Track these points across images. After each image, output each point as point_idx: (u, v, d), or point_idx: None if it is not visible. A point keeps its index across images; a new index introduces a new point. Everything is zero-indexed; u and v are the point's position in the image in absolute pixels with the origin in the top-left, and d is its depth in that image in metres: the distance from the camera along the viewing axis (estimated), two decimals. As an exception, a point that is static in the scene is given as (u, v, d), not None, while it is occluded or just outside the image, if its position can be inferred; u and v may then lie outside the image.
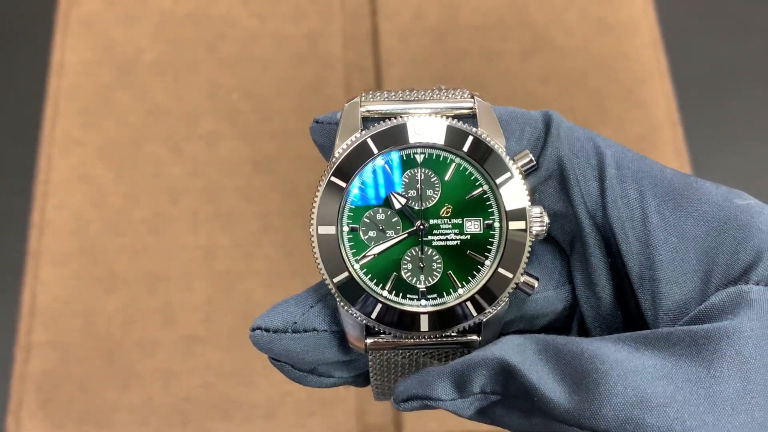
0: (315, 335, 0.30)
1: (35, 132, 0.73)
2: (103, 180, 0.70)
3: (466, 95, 0.31)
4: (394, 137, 0.30)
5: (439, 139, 0.30)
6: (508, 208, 0.30)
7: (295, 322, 0.30)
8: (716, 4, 0.91)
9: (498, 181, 0.30)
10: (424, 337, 0.30)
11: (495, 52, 0.76)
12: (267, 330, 0.30)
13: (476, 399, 0.28)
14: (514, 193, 0.30)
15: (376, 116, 0.31)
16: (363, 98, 0.31)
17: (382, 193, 0.31)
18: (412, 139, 0.30)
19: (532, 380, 0.26)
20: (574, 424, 0.26)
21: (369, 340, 0.30)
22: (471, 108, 0.31)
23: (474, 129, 0.30)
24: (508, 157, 0.30)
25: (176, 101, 0.74)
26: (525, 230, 0.30)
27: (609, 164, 0.30)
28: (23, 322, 0.66)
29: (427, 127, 0.30)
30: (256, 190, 0.70)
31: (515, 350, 0.28)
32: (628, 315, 0.31)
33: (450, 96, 0.31)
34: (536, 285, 0.30)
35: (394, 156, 0.31)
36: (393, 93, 0.31)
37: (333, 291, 0.30)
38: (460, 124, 0.30)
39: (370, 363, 0.32)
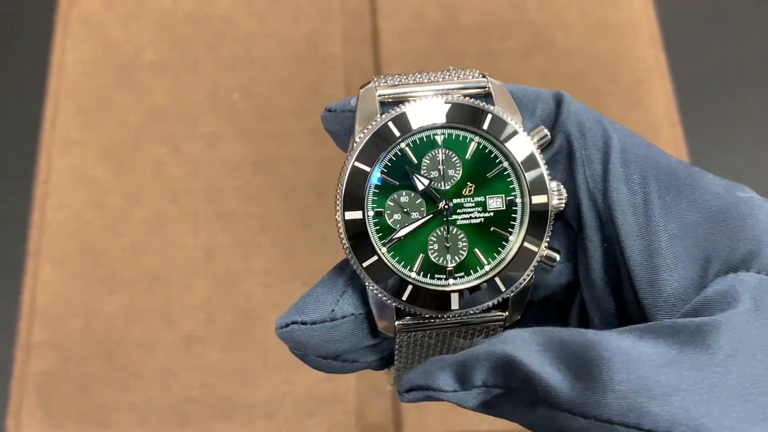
0: (353, 320, 0.30)
1: (35, 132, 0.73)
2: (102, 180, 0.70)
3: (477, 75, 0.32)
4: (413, 120, 0.30)
5: (453, 118, 0.31)
6: (529, 183, 0.30)
7: (333, 310, 0.30)
8: (716, 4, 0.91)
9: (518, 157, 0.31)
10: (454, 316, 0.31)
11: (495, 52, 0.76)
12: (304, 323, 0.30)
13: (479, 392, 0.28)
14: (533, 168, 0.30)
15: (390, 100, 0.31)
16: (377, 83, 0.31)
17: (405, 176, 0.31)
18: (429, 120, 0.31)
19: (534, 370, 0.26)
20: (578, 413, 0.25)
21: (398, 323, 0.31)
22: (485, 87, 0.31)
23: (491, 107, 0.31)
24: (525, 133, 0.31)
25: (176, 101, 0.74)
26: (547, 204, 0.30)
27: (614, 147, 0.30)
28: (23, 323, 0.66)
29: (440, 107, 0.31)
30: (256, 190, 0.70)
31: (519, 344, 0.27)
32: (623, 303, 0.31)
33: (462, 76, 0.32)
34: (558, 258, 0.30)
35: (416, 138, 0.31)
36: (405, 76, 0.32)
37: (362, 275, 0.30)
38: (476, 102, 0.31)
39: (397, 344, 0.32)
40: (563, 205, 0.30)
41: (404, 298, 0.30)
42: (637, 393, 0.24)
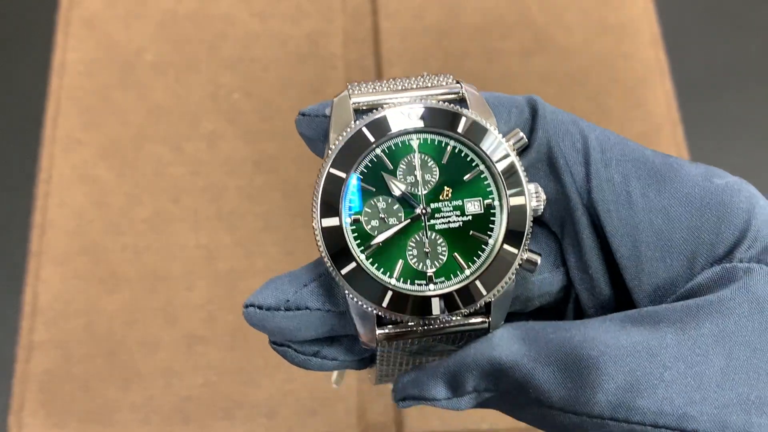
0: (307, 314, 0.30)
1: (37, 131, 0.73)
2: (104, 179, 0.70)
3: (451, 80, 0.31)
4: (388, 125, 0.30)
5: (428, 123, 0.30)
6: (506, 186, 0.30)
7: (288, 300, 0.30)
8: (716, 4, 0.91)
9: (494, 159, 0.30)
10: (436, 321, 0.30)
11: (496, 51, 0.76)
12: (260, 307, 0.30)
13: (471, 397, 0.29)
14: (510, 170, 0.30)
15: (365, 108, 0.31)
16: (351, 90, 0.31)
17: (382, 181, 0.30)
18: (404, 125, 0.30)
19: (525, 374, 0.27)
20: (570, 411, 0.26)
21: (380, 332, 0.30)
22: (458, 92, 0.31)
23: (466, 111, 0.31)
24: (501, 136, 0.30)
25: (177, 101, 0.74)
26: (525, 206, 0.30)
27: (594, 148, 0.30)
28: (25, 322, 0.66)
29: (415, 112, 0.30)
30: (257, 189, 0.70)
31: (505, 346, 0.28)
32: (622, 294, 0.31)
33: (436, 82, 0.31)
34: (539, 261, 0.30)
35: (391, 143, 0.30)
36: (379, 83, 0.31)
37: (341, 283, 0.30)
38: (451, 107, 0.30)
39: (379, 353, 0.31)
40: (542, 207, 0.30)
41: (384, 305, 0.29)
42: (624, 389, 0.26)
